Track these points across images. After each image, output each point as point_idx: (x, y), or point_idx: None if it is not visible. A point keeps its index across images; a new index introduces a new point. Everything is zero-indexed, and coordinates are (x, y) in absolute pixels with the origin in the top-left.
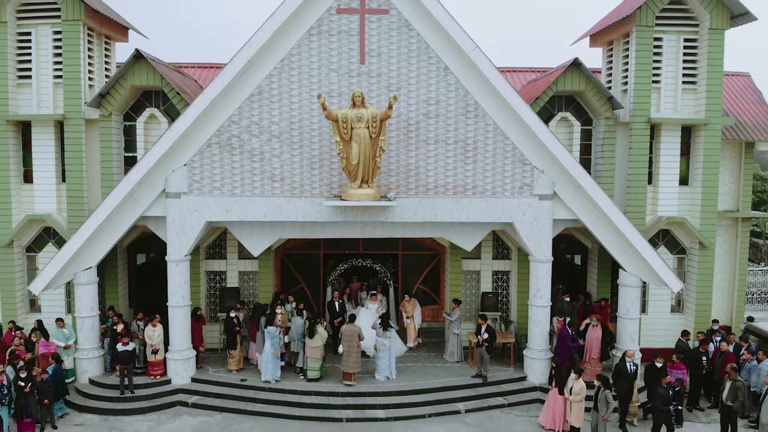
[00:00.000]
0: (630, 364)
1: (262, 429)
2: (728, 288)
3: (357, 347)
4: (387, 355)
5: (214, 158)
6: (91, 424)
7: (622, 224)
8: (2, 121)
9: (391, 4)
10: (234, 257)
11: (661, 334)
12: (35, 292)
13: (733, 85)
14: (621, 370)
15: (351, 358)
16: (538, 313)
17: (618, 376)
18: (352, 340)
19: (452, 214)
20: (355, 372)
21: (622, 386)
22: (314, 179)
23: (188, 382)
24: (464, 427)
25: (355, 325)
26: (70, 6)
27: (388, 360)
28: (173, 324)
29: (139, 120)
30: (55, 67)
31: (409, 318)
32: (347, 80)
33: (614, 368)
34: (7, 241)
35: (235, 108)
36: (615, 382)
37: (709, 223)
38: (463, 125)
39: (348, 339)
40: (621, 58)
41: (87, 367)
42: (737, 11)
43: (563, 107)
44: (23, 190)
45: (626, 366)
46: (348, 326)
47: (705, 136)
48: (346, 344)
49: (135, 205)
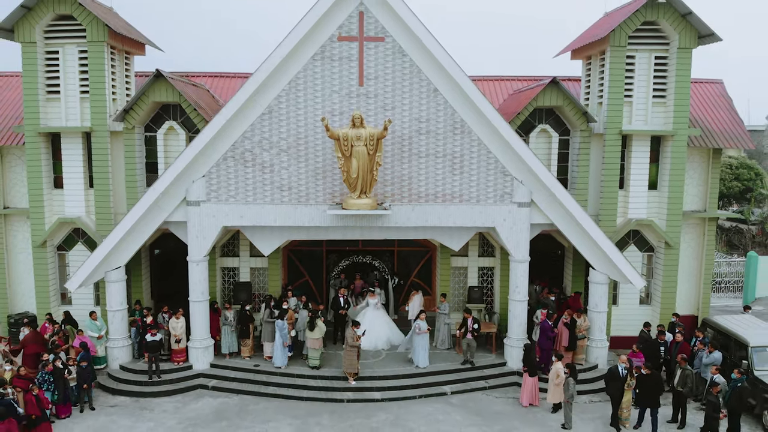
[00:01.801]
0: (622, 368)
1: (274, 409)
2: (696, 281)
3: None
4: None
5: (229, 170)
6: (124, 405)
7: (591, 228)
8: (34, 133)
9: (387, 33)
10: (246, 255)
11: (631, 324)
12: (71, 289)
13: (706, 93)
14: (613, 373)
15: (347, 357)
16: (516, 307)
17: (610, 379)
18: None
19: (441, 219)
20: (352, 372)
21: (613, 389)
22: (318, 188)
23: (208, 368)
24: (449, 407)
25: (350, 329)
26: (94, 28)
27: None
28: (194, 316)
29: (159, 132)
30: (81, 83)
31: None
32: (347, 100)
33: (607, 371)
34: (41, 242)
35: (248, 125)
36: (607, 385)
37: (674, 224)
38: (451, 140)
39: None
40: (598, 72)
41: (118, 354)
42: (704, 32)
43: (543, 119)
44: (54, 195)
45: (618, 370)
46: (349, 331)
47: (672, 145)
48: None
49: (159, 212)
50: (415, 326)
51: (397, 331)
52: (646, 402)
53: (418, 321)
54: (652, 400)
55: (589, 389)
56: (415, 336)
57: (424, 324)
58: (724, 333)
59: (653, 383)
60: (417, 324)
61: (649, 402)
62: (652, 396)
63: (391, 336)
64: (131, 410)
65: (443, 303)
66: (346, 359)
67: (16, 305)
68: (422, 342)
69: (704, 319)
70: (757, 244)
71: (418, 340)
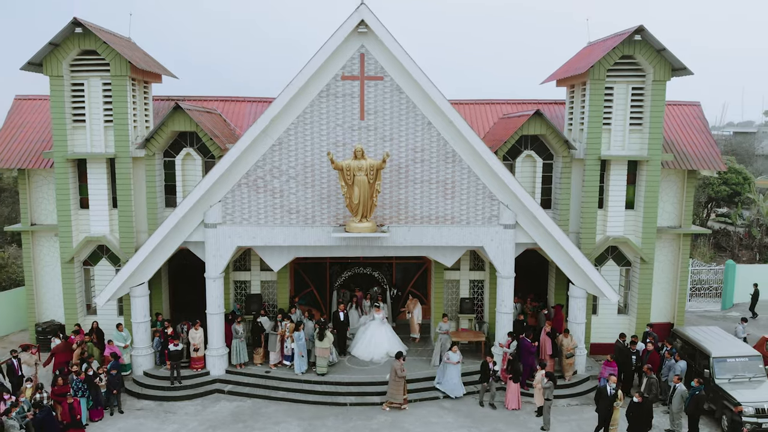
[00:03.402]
0: (610, 388)
1: (284, 412)
2: (672, 290)
3: (395, 380)
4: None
5: (243, 195)
6: (150, 408)
7: (569, 248)
8: (63, 159)
9: (385, 73)
10: (257, 269)
11: (610, 332)
12: (100, 304)
13: (683, 115)
14: (602, 392)
15: (392, 387)
16: (502, 318)
17: (599, 397)
18: (390, 373)
19: (434, 239)
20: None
21: (602, 407)
22: (323, 212)
23: (223, 374)
24: (442, 411)
25: (398, 361)
26: (117, 64)
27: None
28: (211, 327)
29: (177, 158)
30: (105, 113)
31: (410, 313)
32: (350, 133)
33: (596, 390)
34: (69, 258)
35: (260, 156)
36: (597, 403)
37: (648, 241)
38: (444, 168)
39: (391, 372)
40: (580, 100)
41: (142, 362)
42: (677, 66)
43: (528, 146)
44: (80, 215)
45: (606, 389)
46: (393, 361)
47: (647, 169)
48: (390, 376)
49: (179, 233)
50: (446, 358)
51: (397, 344)
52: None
53: (449, 353)
54: (643, 428)
55: (567, 394)
56: (447, 367)
57: (455, 355)
58: (691, 344)
59: (645, 411)
60: (447, 355)
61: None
62: (643, 424)
63: (389, 349)
64: (156, 413)
65: (444, 323)
66: (392, 388)
67: (43, 314)
68: (454, 372)
69: (673, 330)
70: (744, 247)
71: (450, 370)
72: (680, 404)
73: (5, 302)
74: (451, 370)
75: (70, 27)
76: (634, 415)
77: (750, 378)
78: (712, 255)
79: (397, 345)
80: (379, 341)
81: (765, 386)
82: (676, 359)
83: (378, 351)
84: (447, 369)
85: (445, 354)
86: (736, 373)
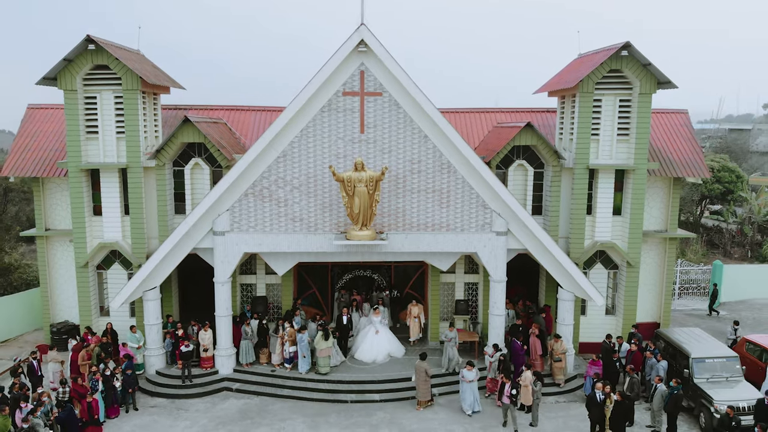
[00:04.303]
0: (599, 395)
1: (289, 409)
2: (658, 291)
3: (425, 380)
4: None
5: (249, 205)
6: (163, 406)
7: (557, 254)
8: (77, 170)
9: (384, 89)
10: (262, 273)
11: (598, 332)
12: (115, 307)
13: (670, 123)
14: (592, 399)
15: (420, 387)
16: (494, 320)
17: (591, 405)
18: (420, 374)
19: (431, 246)
20: (424, 400)
21: (594, 413)
22: (326, 220)
23: (231, 372)
24: (437, 407)
25: (424, 362)
26: (129, 79)
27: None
28: (219, 329)
29: (186, 167)
30: (117, 124)
31: (416, 318)
32: (351, 145)
33: (587, 398)
34: (84, 263)
35: (266, 167)
36: (590, 410)
37: (634, 246)
38: (439, 178)
39: (418, 373)
40: (570, 111)
41: (154, 361)
42: (662, 80)
43: (520, 155)
44: (94, 222)
45: (596, 395)
46: (419, 362)
47: (634, 178)
48: (416, 376)
49: (189, 240)
50: (460, 375)
51: (397, 345)
52: (616, 427)
53: (464, 370)
54: (620, 426)
55: (555, 391)
56: (462, 384)
57: (470, 373)
58: (672, 345)
59: (624, 410)
60: (462, 373)
61: (618, 428)
62: (621, 422)
63: (391, 350)
64: (169, 410)
65: (451, 331)
66: (422, 388)
67: (57, 315)
68: (469, 389)
69: (656, 332)
70: (736, 244)
71: (465, 388)
72: (660, 403)
73: (20, 303)
74: (465, 388)
75: (83, 44)
76: (613, 413)
77: (727, 378)
78: (705, 252)
79: (397, 346)
80: (381, 343)
81: (741, 386)
82: (658, 359)
83: (380, 352)
84: (462, 387)
85: (460, 371)
86: (714, 373)
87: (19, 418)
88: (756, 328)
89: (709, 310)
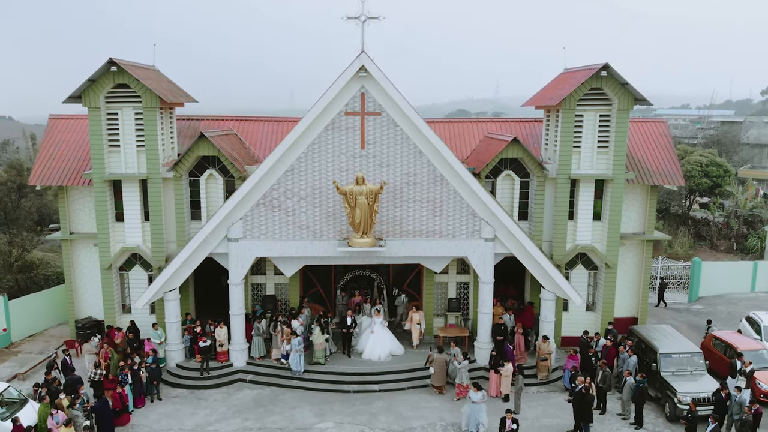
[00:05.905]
0: (580, 388)
1: (298, 398)
2: (636, 289)
3: (441, 369)
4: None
5: (260, 214)
6: (184, 396)
7: (540, 258)
8: (101, 180)
9: (383, 109)
10: (271, 273)
11: (578, 328)
12: (138, 307)
13: (649, 132)
14: (579, 393)
15: (437, 375)
16: (483, 318)
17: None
18: (439, 365)
19: (425, 251)
20: (441, 385)
21: (584, 409)
22: (330, 227)
23: (245, 365)
24: (430, 396)
25: (443, 355)
26: (148, 97)
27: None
28: (234, 325)
29: (201, 178)
30: (137, 138)
31: (418, 324)
32: (352, 160)
33: (574, 396)
34: (107, 265)
35: (275, 180)
36: (577, 405)
37: (612, 249)
38: (433, 190)
39: (437, 364)
40: (554, 125)
41: (174, 356)
42: (639, 97)
43: (508, 166)
44: (116, 227)
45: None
46: (438, 355)
47: (612, 186)
48: (435, 366)
49: (206, 246)
50: (467, 396)
51: (397, 344)
52: (579, 417)
53: (471, 392)
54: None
55: (537, 382)
56: (470, 406)
57: (477, 395)
58: (643, 341)
59: (588, 401)
60: (470, 395)
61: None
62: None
63: (392, 348)
64: (190, 400)
65: (454, 348)
66: (439, 377)
67: (81, 311)
68: (476, 410)
69: (630, 329)
70: (722, 237)
71: (473, 410)
72: (629, 394)
73: (45, 300)
74: (473, 410)
75: (106, 65)
76: (577, 403)
77: (691, 371)
78: (692, 244)
79: (398, 344)
80: (384, 342)
81: (704, 379)
82: (629, 354)
83: (383, 350)
84: (470, 408)
85: (468, 396)
86: (679, 367)
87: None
88: (729, 322)
89: (659, 302)
